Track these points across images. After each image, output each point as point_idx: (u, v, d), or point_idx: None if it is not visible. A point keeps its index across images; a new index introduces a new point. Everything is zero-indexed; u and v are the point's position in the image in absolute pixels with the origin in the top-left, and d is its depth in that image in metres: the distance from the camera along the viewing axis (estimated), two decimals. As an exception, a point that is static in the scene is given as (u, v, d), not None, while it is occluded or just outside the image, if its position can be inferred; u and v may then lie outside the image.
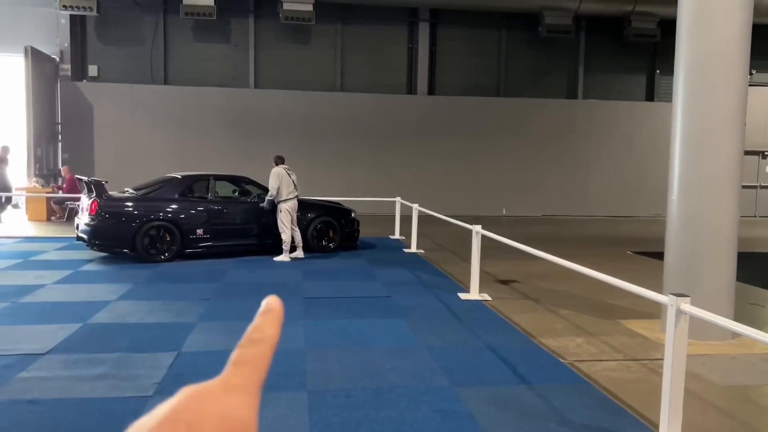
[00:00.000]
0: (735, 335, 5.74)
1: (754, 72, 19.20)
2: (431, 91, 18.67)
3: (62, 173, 14.61)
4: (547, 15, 17.48)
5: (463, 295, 7.30)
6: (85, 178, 9.40)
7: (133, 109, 17.04)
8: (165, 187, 9.47)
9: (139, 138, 16.83)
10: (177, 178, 9.58)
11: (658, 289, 6.23)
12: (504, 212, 18.66)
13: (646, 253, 11.12)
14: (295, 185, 9.64)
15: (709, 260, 5.66)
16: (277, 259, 9.48)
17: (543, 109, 18.73)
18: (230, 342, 5.21)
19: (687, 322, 3.49)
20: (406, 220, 12.15)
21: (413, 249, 10.91)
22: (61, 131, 16.90)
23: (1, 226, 12.91)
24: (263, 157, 17.47)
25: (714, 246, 5.65)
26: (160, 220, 9.05)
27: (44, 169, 15.44)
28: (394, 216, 13.16)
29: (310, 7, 16.47)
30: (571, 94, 19.29)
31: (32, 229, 12.87)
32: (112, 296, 6.87)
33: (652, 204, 18.39)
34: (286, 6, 16.37)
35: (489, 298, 7.23)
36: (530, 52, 19.00)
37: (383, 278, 8.33)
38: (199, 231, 9.29)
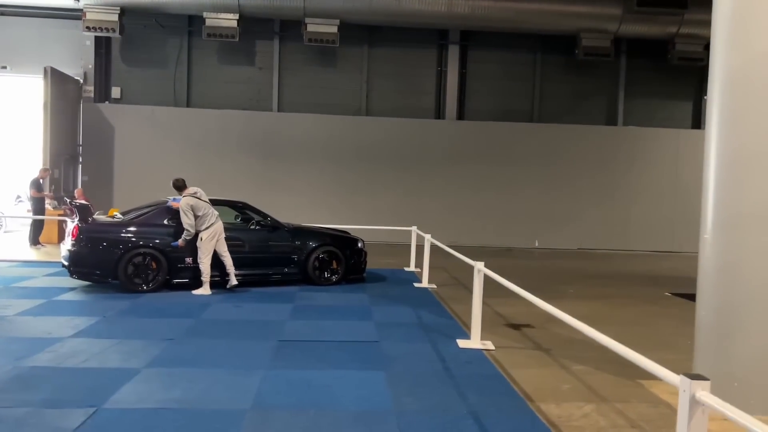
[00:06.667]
0: (785, 409, 4.64)
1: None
2: (460, 116, 17.86)
3: (76, 196, 14.30)
4: (584, 37, 16.52)
5: (462, 343, 6.36)
6: (71, 201, 8.92)
7: (155, 132, 16.79)
8: (154, 212, 8.88)
9: (159, 161, 16.50)
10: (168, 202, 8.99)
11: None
12: (537, 244, 17.53)
13: (687, 296, 9.90)
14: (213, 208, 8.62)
15: (751, 315, 4.60)
16: (197, 292, 8.39)
17: (580, 136, 17.65)
18: (166, 397, 4.45)
19: (706, 414, 2.53)
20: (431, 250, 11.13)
21: (424, 284, 10.01)
22: (81, 153, 16.76)
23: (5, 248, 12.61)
24: (285, 182, 16.97)
25: (757, 297, 4.60)
26: (146, 247, 8.45)
27: (61, 191, 15.20)
28: (417, 246, 12.25)
29: (334, 29, 15.97)
30: (611, 121, 18.15)
31: (34, 253, 12.54)
32: (69, 332, 6.21)
33: (697, 239, 16.94)
34: (310, 27, 15.92)
35: (492, 347, 6.26)
36: (566, 76, 18.01)
37: (380, 318, 7.46)
38: (189, 260, 8.63)
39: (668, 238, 17.55)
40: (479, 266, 6.34)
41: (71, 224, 8.62)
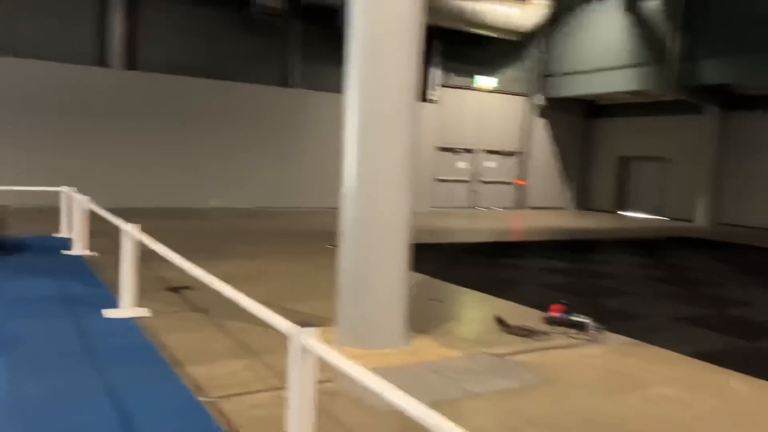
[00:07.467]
0: (409, 341, 5.33)
1: (452, 74, 20.84)
2: (131, 66, 16.31)
3: None
4: (257, -5, 16.51)
5: (109, 313, 5.80)
6: None
7: None
8: None
9: None
10: None
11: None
12: (212, 204, 17.23)
13: (346, 248, 10.82)
14: None
15: (380, 263, 5.12)
16: None
17: (255, 96, 17.74)
18: None
19: (312, 361, 2.63)
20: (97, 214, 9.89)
21: (77, 251, 8.94)
22: None
23: None
24: None
25: (385, 246, 5.12)
26: None
27: None
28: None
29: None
30: (285, 83, 18.64)
31: None
32: None
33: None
34: None
35: (147, 314, 5.86)
36: (244, 35, 17.80)
37: (12, 294, 6.38)
38: None
39: (335, 195, 18.98)
40: (127, 228, 5.83)
41: None
